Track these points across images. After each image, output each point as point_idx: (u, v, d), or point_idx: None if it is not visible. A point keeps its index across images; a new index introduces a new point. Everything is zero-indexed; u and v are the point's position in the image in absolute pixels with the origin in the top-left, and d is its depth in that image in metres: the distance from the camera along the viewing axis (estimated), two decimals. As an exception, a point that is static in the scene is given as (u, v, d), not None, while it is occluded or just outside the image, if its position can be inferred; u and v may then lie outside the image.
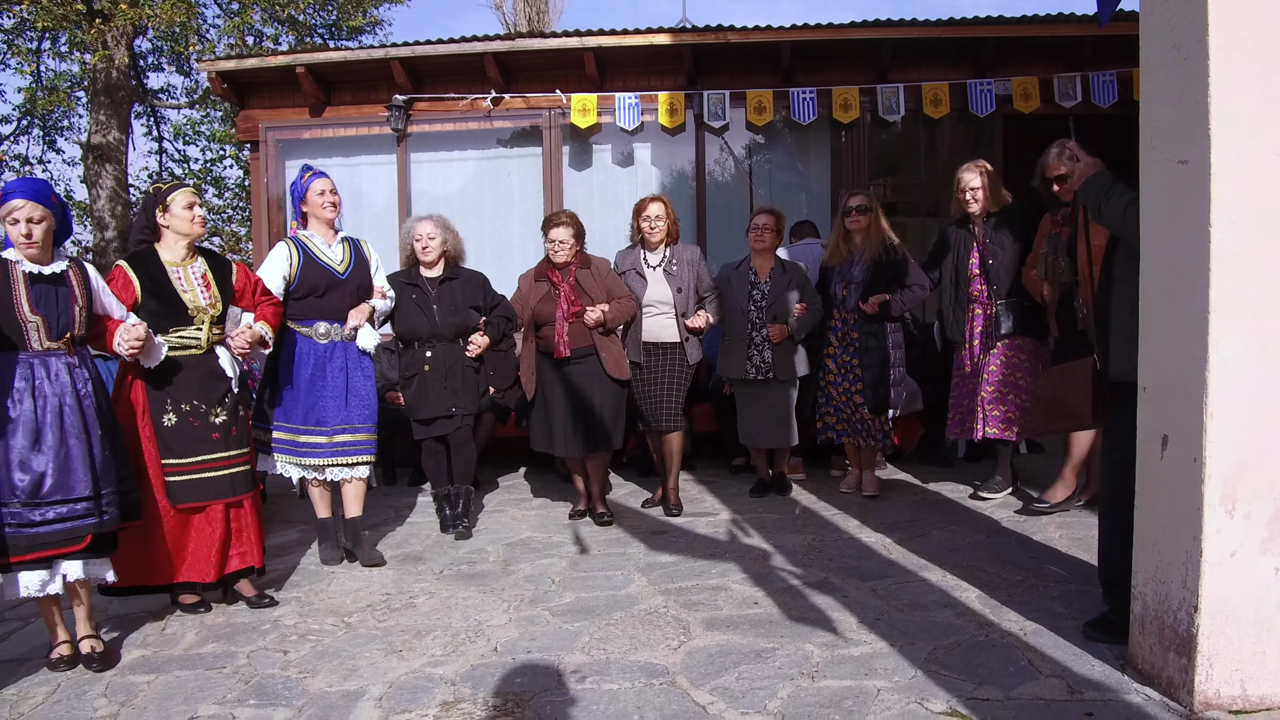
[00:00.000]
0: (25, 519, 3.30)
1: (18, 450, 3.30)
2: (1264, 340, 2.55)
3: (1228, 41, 2.53)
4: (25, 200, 3.40)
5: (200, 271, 4.04)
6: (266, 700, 3.12)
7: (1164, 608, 2.76)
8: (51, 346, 3.41)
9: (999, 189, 5.38)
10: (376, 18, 17.12)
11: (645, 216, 5.52)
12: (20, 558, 3.30)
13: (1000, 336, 5.25)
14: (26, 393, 3.33)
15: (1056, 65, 7.45)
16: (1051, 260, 4.86)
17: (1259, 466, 2.57)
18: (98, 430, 3.47)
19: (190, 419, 3.93)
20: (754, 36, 7.32)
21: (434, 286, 5.15)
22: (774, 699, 2.92)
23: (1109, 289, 3.24)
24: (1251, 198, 2.54)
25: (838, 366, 5.72)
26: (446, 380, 5.08)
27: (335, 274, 4.65)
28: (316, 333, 4.59)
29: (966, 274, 5.41)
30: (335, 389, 4.59)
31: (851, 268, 5.65)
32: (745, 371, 5.63)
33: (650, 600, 3.95)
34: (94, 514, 3.41)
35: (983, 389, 5.26)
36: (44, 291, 3.40)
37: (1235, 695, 2.63)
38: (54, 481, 3.34)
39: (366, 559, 4.69)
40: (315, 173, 4.78)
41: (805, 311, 5.56)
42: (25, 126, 17.72)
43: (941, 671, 3.04)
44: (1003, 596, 3.74)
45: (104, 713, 3.08)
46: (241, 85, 7.96)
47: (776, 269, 5.68)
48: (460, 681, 3.18)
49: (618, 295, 5.32)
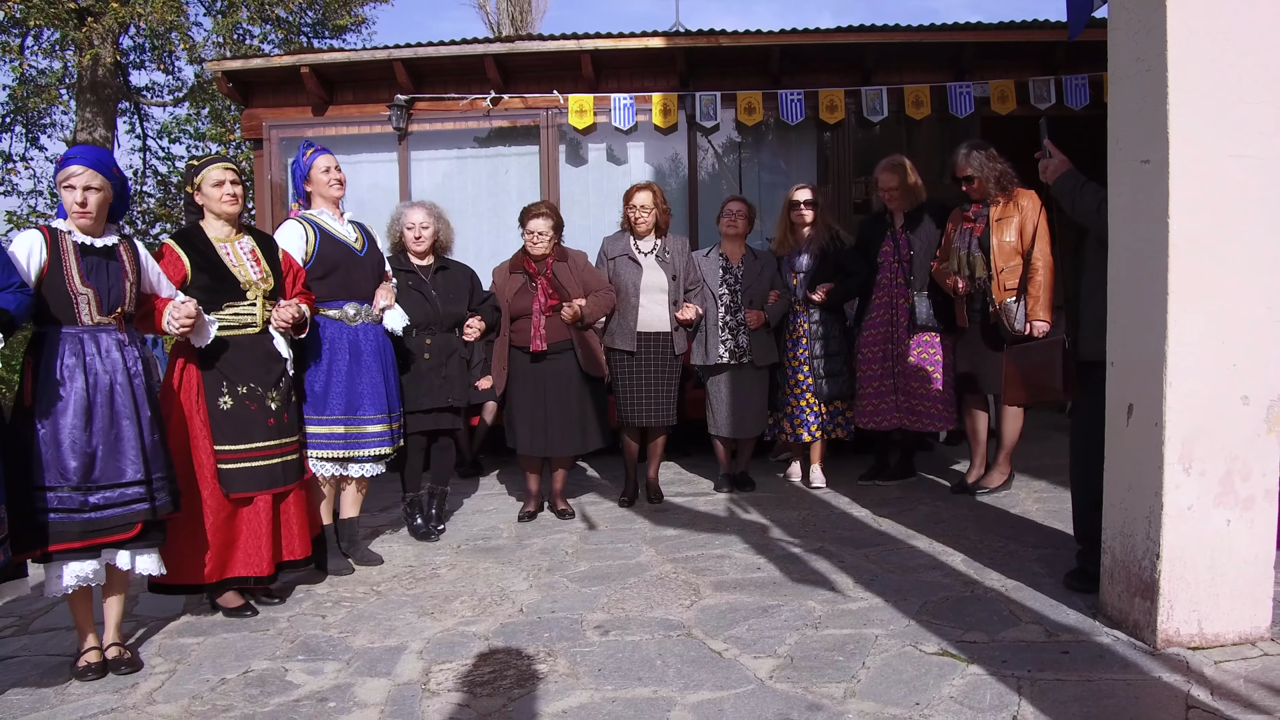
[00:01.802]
0: (76, 503, 3.12)
1: (68, 430, 3.12)
2: (1216, 319, 2.90)
3: (1185, 55, 2.87)
4: (85, 167, 3.24)
5: (249, 247, 3.88)
6: (314, 656, 3.39)
7: (1130, 558, 3.09)
8: (102, 321, 3.25)
9: (916, 185, 5.62)
10: (362, 17, 17.33)
11: (632, 205, 5.50)
12: (71, 544, 3.13)
13: (916, 328, 5.45)
14: (78, 369, 3.16)
15: (1031, 69, 7.81)
16: (965, 255, 5.11)
17: (1212, 431, 2.91)
18: (148, 412, 3.32)
19: (247, 402, 3.76)
20: (744, 40, 7.66)
21: (429, 275, 4.98)
22: (782, 645, 3.23)
23: (1079, 277, 3.58)
24: (1206, 193, 2.88)
25: (789, 361, 5.84)
26: (444, 370, 4.89)
27: (354, 250, 4.41)
28: (347, 315, 4.33)
29: (877, 263, 5.64)
30: (372, 375, 4.35)
31: (798, 257, 5.85)
32: (719, 356, 5.61)
33: (660, 567, 4.25)
34: (146, 499, 3.25)
35: (904, 382, 5.49)
36: (95, 264, 3.25)
37: (1193, 633, 2.97)
38: (104, 464, 3.18)
39: (362, 559, 4.53)
40: (318, 149, 4.51)
41: (779, 299, 5.72)
42: (8, 124, 17.76)
43: (932, 620, 3.37)
44: (986, 560, 4.07)
45: (162, 669, 3.33)
46: (246, 84, 8.18)
47: (748, 255, 5.76)
48: (493, 637, 3.47)
49: (595, 288, 5.28)
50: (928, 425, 5.56)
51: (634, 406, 5.47)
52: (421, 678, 3.13)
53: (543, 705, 2.87)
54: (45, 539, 3.11)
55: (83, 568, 3.20)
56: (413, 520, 5.07)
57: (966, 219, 5.22)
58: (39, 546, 3.12)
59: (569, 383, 5.18)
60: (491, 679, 3.08)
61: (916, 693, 2.81)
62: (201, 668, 3.32)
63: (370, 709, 2.91)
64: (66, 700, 3.09)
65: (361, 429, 4.34)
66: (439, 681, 3.09)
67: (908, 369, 5.47)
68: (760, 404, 5.79)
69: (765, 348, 5.69)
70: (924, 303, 5.43)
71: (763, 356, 5.67)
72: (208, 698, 3.06)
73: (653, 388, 5.48)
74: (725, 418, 5.74)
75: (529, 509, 5.39)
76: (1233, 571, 2.96)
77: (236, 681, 3.18)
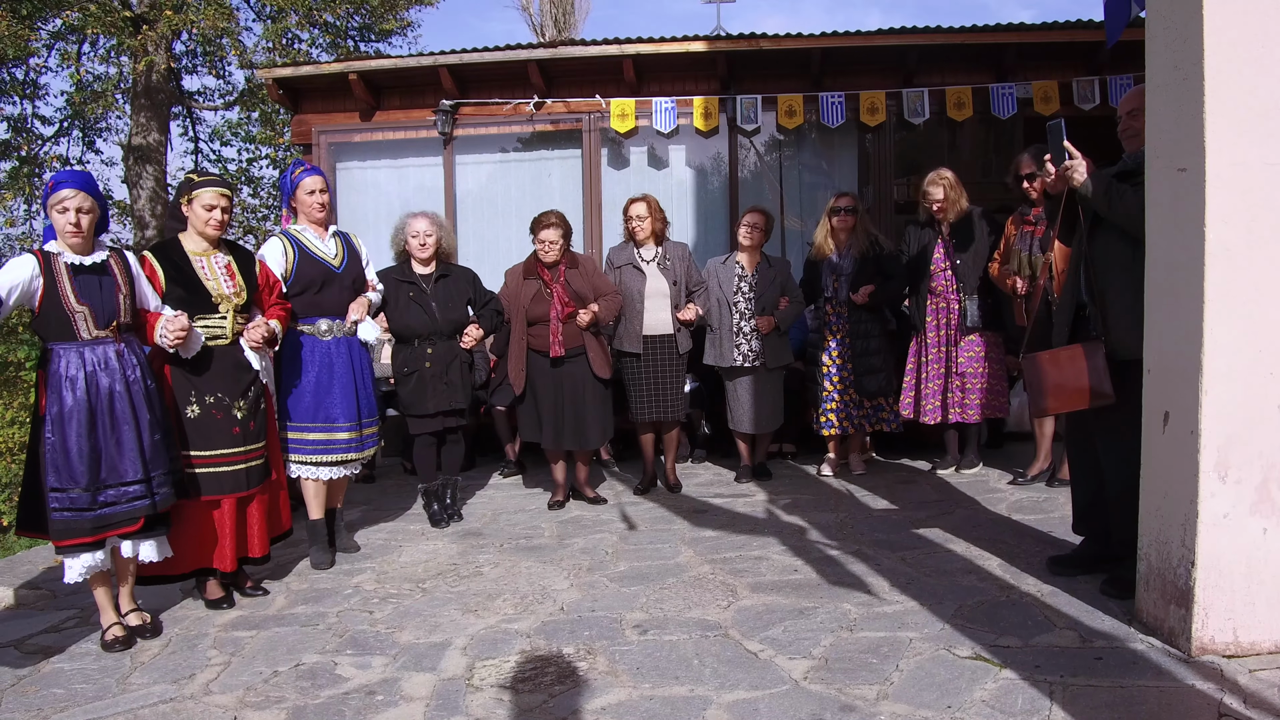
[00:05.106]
0: (86, 502, 3.46)
1: (75, 437, 3.44)
2: (1252, 327, 2.90)
3: (1221, 64, 2.87)
4: (76, 190, 3.50)
5: (224, 262, 4.05)
6: (362, 650, 3.50)
7: (1165, 565, 3.10)
8: (100, 334, 3.52)
9: (961, 195, 5.86)
10: (408, 20, 17.57)
11: (629, 216, 5.85)
12: (84, 539, 3.48)
13: (967, 330, 5.77)
14: (80, 380, 3.46)
15: (1075, 69, 7.75)
16: (1027, 256, 5.34)
17: (1248, 439, 2.91)
18: (146, 415, 3.61)
19: (213, 411, 3.96)
20: (785, 44, 7.68)
21: (429, 283, 5.20)
22: (817, 647, 3.29)
23: (1106, 276, 3.58)
24: (1241, 201, 2.88)
25: (831, 359, 6.16)
26: (446, 376, 5.16)
27: (330, 268, 4.62)
28: (319, 330, 4.57)
29: (929, 269, 5.90)
30: (344, 385, 4.59)
31: (841, 261, 6.12)
32: (733, 359, 5.97)
33: (698, 568, 4.32)
34: (146, 495, 3.58)
35: (951, 379, 5.82)
36: (88, 281, 3.51)
37: (1229, 641, 2.98)
38: (109, 466, 3.51)
39: (343, 545, 4.85)
40: (306, 168, 4.70)
41: (789, 305, 6.04)
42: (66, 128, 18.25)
43: (967, 625, 3.40)
44: (1022, 564, 4.09)
45: (217, 661, 3.47)
46: (295, 91, 8.37)
47: (762, 263, 6.08)
48: (534, 634, 3.56)
49: (604, 292, 5.57)
50: (974, 417, 5.88)
51: (645, 404, 5.84)
52: (465, 673, 3.23)
53: (582, 702, 2.96)
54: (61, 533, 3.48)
55: (93, 557, 3.57)
56: (430, 508, 5.47)
57: (1027, 222, 5.44)
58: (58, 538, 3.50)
59: (583, 383, 5.52)
60: (533, 675, 3.17)
61: (949, 696, 2.85)
62: (255, 660, 3.45)
63: (416, 703, 3.02)
64: (128, 690, 3.24)
65: (332, 435, 4.61)
66: (482, 677, 3.18)
67: (959, 368, 5.81)
68: (776, 402, 6.16)
69: (777, 351, 6.05)
70: (974, 305, 5.73)
71: (775, 359, 6.04)
72: (261, 689, 3.19)
73: (660, 385, 5.83)
74: (742, 415, 6.13)
75: (557, 498, 5.75)
76: (1269, 579, 2.96)
77: (288, 674, 3.31)
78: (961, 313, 5.75)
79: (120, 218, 17.39)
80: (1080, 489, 3.97)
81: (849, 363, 6.08)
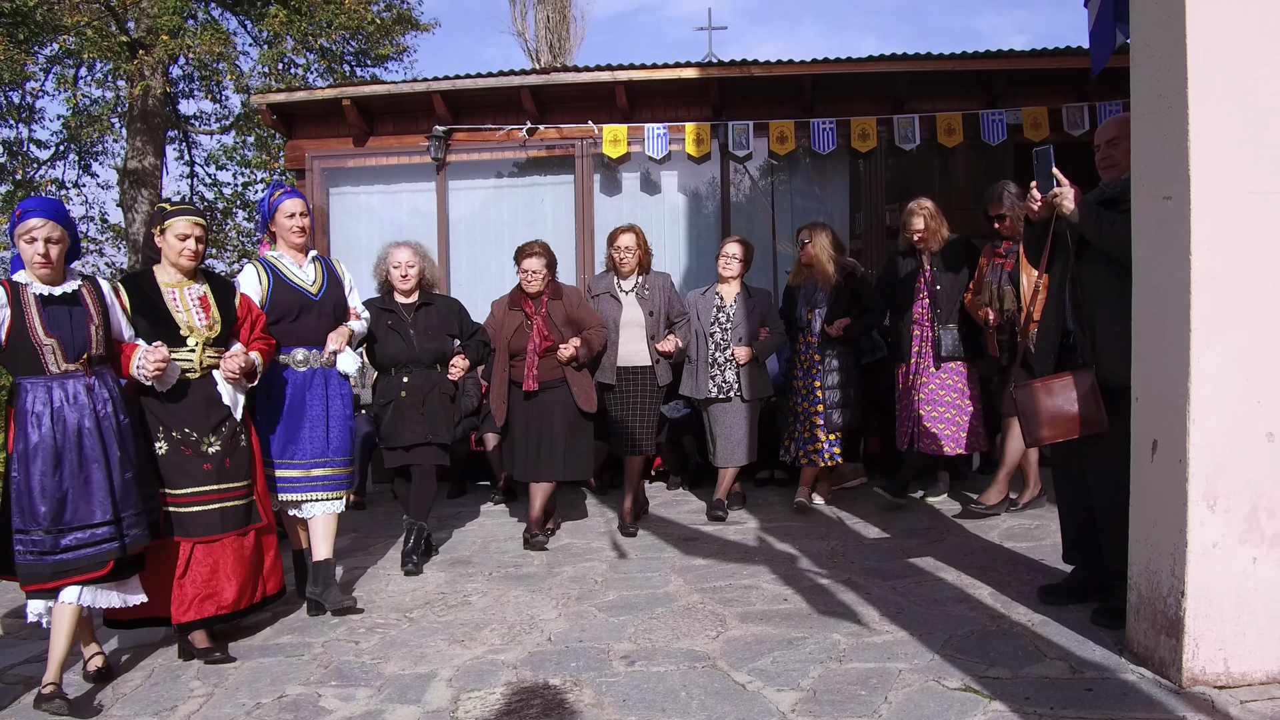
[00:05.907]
0: (48, 546, 3.28)
1: (38, 476, 3.28)
2: (1239, 355, 2.89)
3: (1205, 91, 2.88)
4: (45, 219, 3.33)
5: (198, 294, 3.86)
6: (346, 682, 3.46)
7: (1155, 595, 3.08)
8: (69, 368, 3.36)
9: (941, 225, 5.81)
10: (404, 45, 17.69)
11: (616, 246, 5.77)
12: (43, 585, 3.30)
13: (941, 358, 5.68)
14: (46, 416, 3.30)
15: (1065, 95, 7.81)
16: (996, 288, 5.38)
17: (1236, 467, 2.90)
18: (116, 452, 3.42)
19: (182, 448, 3.75)
20: (776, 70, 7.73)
21: (410, 313, 5.12)
22: (806, 678, 3.25)
23: (1094, 304, 3.57)
24: (1227, 229, 2.88)
25: (797, 390, 6.08)
26: (423, 406, 5.03)
27: (308, 295, 4.36)
28: (295, 360, 4.31)
29: (910, 298, 5.86)
30: (314, 420, 4.32)
31: (816, 292, 6.03)
32: (708, 391, 5.88)
33: (688, 598, 4.28)
34: (115, 538, 3.38)
35: (920, 407, 5.70)
36: (58, 313, 3.35)
37: (1219, 672, 2.95)
38: (74, 507, 3.32)
39: (335, 603, 4.30)
40: (286, 191, 4.49)
41: (769, 336, 5.93)
42: (62, 151, 18.30)
43: (957, 655, 3.37)
44: (1013, 593, 4.06)
45: (200, 693, 3.43)
46: (289, 116, 8.41)
47: (742, 294, 5.98)
48: (521, 665, 3.52)
49: (589, 325, 5.49)
50: (935, 449, 5.67)
51: (618, 435, 5.79)
52: (450, 705, 3.19)
53: (567, 735, 2.92)
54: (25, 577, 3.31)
55: (45, 605, 3.42)
56: (405, 546, 5.07)
57: (998, 255, 5.50)
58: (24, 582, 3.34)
59: (558, 416, 5.39)
60: (519, 708, 3.13)
61: (938, 728, 2.82)
62: (238, 692, 3.41)
63: (399, 736, 2.98)
64: (108, 723, 3.20)
65: (309, 473, 4.34)
66: (467, 710, 3.14)
67: (928, 395, 5.68)
68: (749, 435, 5.93)
69: (755, 382, 5.91)
70: (949, 334, 5.66)
71: (752, 391, 5.88)
72: (243, 722, 3.14)
73: (631, 418, 5.73)
74: (715, 447, 6.00)
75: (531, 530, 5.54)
76: (1260, 609, 2.93)
77: (271, 706, 3.26)
78: (936, 342, 5.70)
79: (115, 241, 17.41)
80: (1069, 519, 3.95)
81: (814, 394, 5.96)
